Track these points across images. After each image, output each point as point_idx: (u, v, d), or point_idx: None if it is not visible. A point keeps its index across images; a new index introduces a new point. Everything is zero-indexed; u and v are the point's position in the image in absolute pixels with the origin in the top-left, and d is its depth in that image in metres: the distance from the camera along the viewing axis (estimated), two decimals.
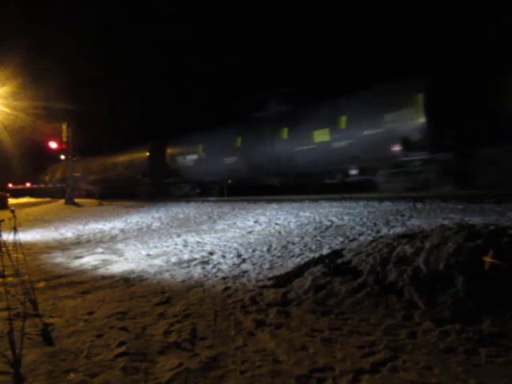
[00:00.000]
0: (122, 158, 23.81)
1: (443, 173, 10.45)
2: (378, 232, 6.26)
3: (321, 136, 13.29)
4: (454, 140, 10.18)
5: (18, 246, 3.91)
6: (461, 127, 10.12)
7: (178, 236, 8.12)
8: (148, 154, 21.02)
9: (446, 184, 10.59)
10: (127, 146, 24.09)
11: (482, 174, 9.82)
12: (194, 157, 18.43)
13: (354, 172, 12.67)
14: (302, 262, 4.78)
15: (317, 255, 4.97)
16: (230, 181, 17.67)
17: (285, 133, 14.65)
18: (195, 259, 5.74)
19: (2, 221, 3.74)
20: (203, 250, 6.34)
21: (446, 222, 5.94)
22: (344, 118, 12.61)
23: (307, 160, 13.71)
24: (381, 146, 11.39)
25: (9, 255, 3.73)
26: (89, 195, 26.31)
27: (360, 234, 6.31)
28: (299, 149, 13.95)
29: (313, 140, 13.53)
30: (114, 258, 6.31)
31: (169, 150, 20.07)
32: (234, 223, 9.22)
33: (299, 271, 4.22)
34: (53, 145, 21.65)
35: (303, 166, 13.97)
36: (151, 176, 20.84)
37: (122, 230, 9.71)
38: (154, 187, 20.96)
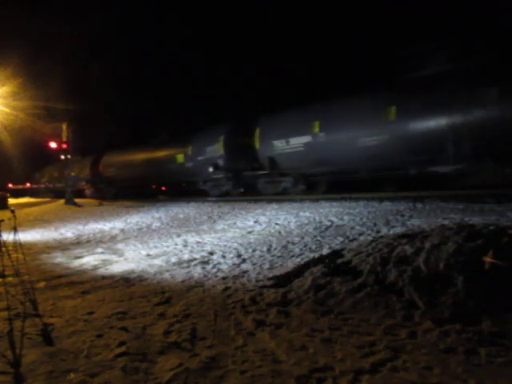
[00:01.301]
0: (171, 150, 18.79)
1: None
2: (378, 232, 6.26)
3: None
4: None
5: (17, 245, 3.90)
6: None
7: (178, 236, 8.12)
8: (223, 138, 15.72)
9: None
10: (178, 133, 19.77)
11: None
12: (304, 139, 12.93)
13: None
14: (302, 262, 4.78)
15: (317, 255, 4.97)
16: (364, 171, 11.87)
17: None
18: (195, 259, 5.74)
19: (2, 221, 3.74)
20: (203, 250, 6.34)
21: (446, 222, 5.94)
22: None
23: None
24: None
25: (9, 255, 3.72)
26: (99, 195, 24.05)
27: (360, 234, 6.31)
28: None
29: None
30: (114, 257, 6.31)
31: (259, 131, 14.56)
32: (234, 223, 9.22)
33: (299, 271, 4.22)
34: (52, 145, 21.61)
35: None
36: (228, 168, 15.75)
37: (122, 230, 9.71)
38: (234, 181, 16.05)
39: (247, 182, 15.91)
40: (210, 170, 15.25)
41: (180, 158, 18.02)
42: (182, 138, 18.45)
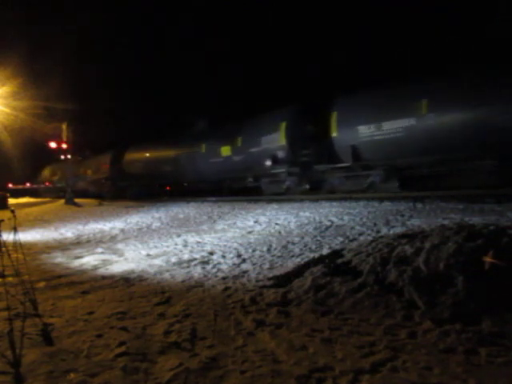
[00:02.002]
0: (213, 142, 16.36)
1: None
2: (378, 232, 6.26)
3: None
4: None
5: (17, 245, 3.90)
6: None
7: (178, 236, 8.11)
8: (285, 125, 12.92)
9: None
10: (220, 122, 17.34)
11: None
12: (404, 122, 10.31)
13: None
14: (302, 262, 4.78)
15: (317, 255, 4.97)
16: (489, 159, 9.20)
17: None
18: (195, 259, 5.74)
19: (2, 221, 3.74)
20: (203, 250, 6.33)
21: (446, 222, 5.94)
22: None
23: None
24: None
25: (9, 255, 3.72)
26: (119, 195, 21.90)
27: (360, 234, 6.31)
28: None
29: None
30: (114, 257, 6.31)
31: (336, 116, 11.80)
32: (234, 223, 9.22)
33: (299, 271, 4.21)
34: (52, 145, 21.61)
35: None
36: (292, 160, 12.99)
37: (122, 230, 9.71)
38: (298, 177, 13.24)
39: (314, 178, 13.01)
40: (268, 163, 13.03)
41: (225, 150, 15.55)
42: (228, 128, 16.13)
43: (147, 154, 20.89)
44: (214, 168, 16.33)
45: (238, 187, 16.38)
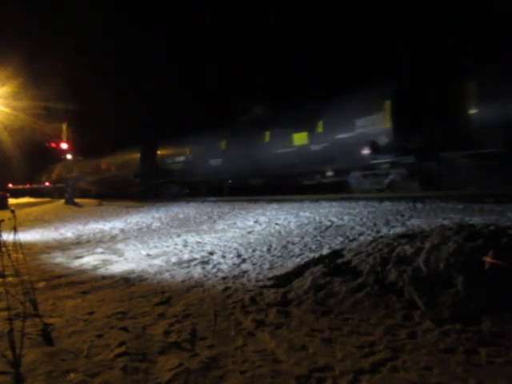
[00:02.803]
0: (280, 128, 13.48)
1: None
2: (378, 232, 6.26)
3: None
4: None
5: (18, 245, 3.91)
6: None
7: (178, 236, 8.12)
8: (390, 104, 10.29)
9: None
10: (287, 104, 14.67)
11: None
12: None
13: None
14: (302, 262, 4.78)
15: (317, 255, 4.97)
16: None
17: None
18: (195, 259, 5.74)
19: (2, 221, 3.74)
20: (203, 250, 6.33)
21: (446, 222, 5.94)
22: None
23: None
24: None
25: (9, 255, 3.73)
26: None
27: (360, 234, 6.31)
28: None
29: None
30: (114, 257, 6.31)
31: (474, 88, 9.19)
32: (234, 223, 9.22)
33: (299, 271, 4.21)
34: (53, 145, 21.62)
35: None
36: (400, 147, 10.27)
37: (122, 230, 9.71)
38: (407, 169, 10.36)
39: (431, 170, 10.02)
40: (365, 151, 10.37)
41: (300, 137, 12.65)
42: (304, 110, 13.23)
43: (185, 148, 18.01)
44: (282, 160, 13.28)
45: (310, 184, 13.28)
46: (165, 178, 19.41)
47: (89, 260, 6.18)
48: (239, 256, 5.70)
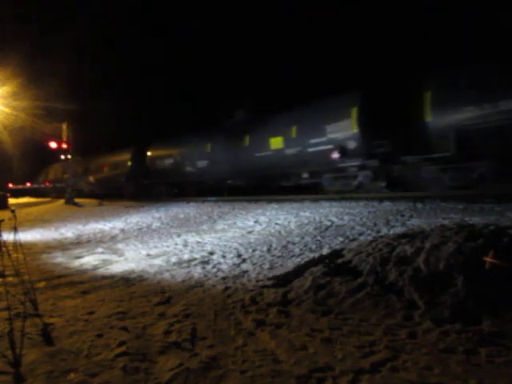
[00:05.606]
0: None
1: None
2: (378, 232, 6.26)
3: None
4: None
5: (18, 245, 3.91)
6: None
7: (178, 236, 8.12)
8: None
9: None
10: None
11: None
12: None
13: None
14: (302, 262, 4.78)
15: (317, 255, 4.97)
16: None
17: None
18: (195, 259, 5.74)
19: (2, 221, 3.74)
20: (203, 250, 6.34)
21: (446, 222, 5.94)
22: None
23: None
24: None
25: (9, 255, 3.73)
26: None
27: (360, 234, 6.31)
28: None
29: None
30: (114, 257, 6.31)
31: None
32: (234, 223, 9.22)
33: (299, 271, 4.21)
34: (53, 145, 21.60)
35: None
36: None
37: (122, 230, 9.71)
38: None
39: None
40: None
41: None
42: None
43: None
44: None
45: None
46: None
47: (89, 260, 6.18)
48: (239, 256, 5.70)
